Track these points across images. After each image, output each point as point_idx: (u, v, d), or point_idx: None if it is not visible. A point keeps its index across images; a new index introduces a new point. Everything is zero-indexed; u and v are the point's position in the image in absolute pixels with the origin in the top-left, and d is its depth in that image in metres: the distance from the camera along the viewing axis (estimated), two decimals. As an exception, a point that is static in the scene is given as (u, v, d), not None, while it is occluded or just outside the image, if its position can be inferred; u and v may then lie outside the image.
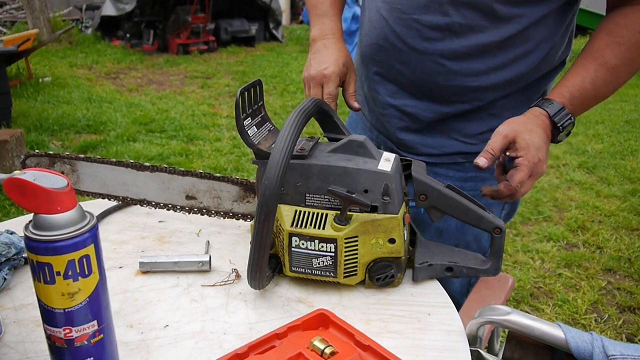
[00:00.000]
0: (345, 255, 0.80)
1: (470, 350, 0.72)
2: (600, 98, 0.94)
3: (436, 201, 0.84)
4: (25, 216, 1.06)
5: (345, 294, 0.84)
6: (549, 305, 2.33)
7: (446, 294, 0.84)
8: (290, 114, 0.76)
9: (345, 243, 0.79)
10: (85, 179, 1.03)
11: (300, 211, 0.81)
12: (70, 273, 0.56)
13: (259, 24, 9.26)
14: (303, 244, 0.80)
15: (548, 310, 2.31)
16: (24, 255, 0.88)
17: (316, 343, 0.64)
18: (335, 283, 0.84)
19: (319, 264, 0.81)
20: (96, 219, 0.59)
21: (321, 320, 0.72)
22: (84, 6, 9.65)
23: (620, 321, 2.24)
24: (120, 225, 1.05)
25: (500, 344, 0.96)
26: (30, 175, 0.55)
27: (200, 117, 5.02)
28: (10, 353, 0.70)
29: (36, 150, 1.07)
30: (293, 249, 0.81)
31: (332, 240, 0.79)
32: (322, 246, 0.79)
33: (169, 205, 1.02)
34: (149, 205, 1.03)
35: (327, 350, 0.63)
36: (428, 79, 1.02)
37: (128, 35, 8.47)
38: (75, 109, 5.11)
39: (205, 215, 1.02)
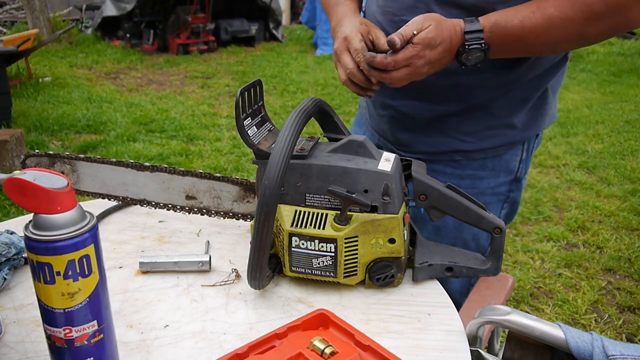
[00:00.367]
0: (345, 255, 0.80)
1: (470, 350, 0.72)
2: (522, 43, 0.90)
3: (436, 201, 0.84)
4: (25, 216, 1.06)
5: (345, 294, 0.84)
6: (549, 305, 2.33)
7: (446, 294, 0.84)
8: (290, 114, 0.76)
9: (345, 243, 0.79)
10: (85, 179, 1.03)
11: (300, 211, 0.81)
12: (70, 273, 0.56)
13: (259, 24, 9.24)
14: (303, 244, 0.80)
15: (548, 310, 2.31)
16: (24, 255, 0.88)
17: (316, 343, 0.64)
18: (335, 283, 0.84)
19: (319, 264, 0.81)
20: (96, 219, 0.59)
21: (321, 320, 0.72)
22: (84, 6, 9.63)
23: (620, 321, 2.24)
24: (120, 225, 1.05)
25: (500, 344, 0.96)
26: (30, 175, 0.55)
27: (200, 117, 5.02)
28: (10, 353, 0.70)
29: (36, 150, 1.07)
30: (293, 249, 0.81)
31: (332, 240, 0.79)
32: (322, 246, 0.79)
33: (169, 205, 1.02)
34: (149, 205, 1.03)
35: (327, 350, 0.63)
36: (424, 79, 1.02)
37: (128, 35, 8.46)
38: (75, 109, 5.11)
39: (205, 215, 1.02)
